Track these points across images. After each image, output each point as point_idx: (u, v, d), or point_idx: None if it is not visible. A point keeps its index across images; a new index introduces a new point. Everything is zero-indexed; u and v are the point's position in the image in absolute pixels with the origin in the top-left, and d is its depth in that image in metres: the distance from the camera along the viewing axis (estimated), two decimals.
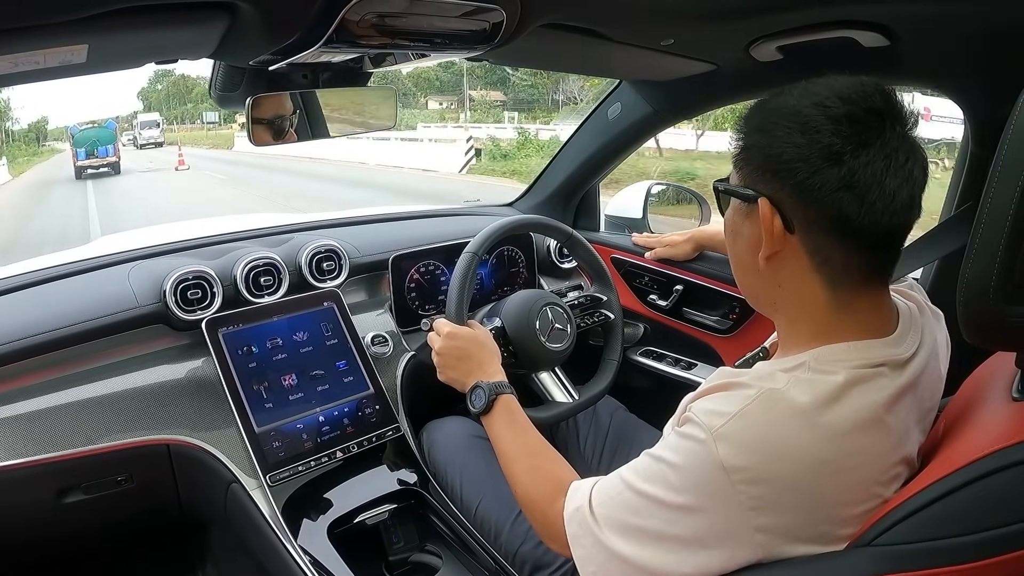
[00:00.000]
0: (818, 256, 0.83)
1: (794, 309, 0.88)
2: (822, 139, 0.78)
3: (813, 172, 0.78)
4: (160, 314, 1.55)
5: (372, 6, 0.97)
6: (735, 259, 0.94)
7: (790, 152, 0.80)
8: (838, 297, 0.84)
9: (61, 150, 43.95)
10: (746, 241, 0.89)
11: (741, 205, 0.89)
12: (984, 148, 1.41)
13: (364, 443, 1.61)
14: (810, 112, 0.80)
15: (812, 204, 0.80)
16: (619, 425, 1.75)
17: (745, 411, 0.79)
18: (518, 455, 1.18)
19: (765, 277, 0.88)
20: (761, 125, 0.85)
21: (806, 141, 0.79)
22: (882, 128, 0.78)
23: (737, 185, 0.88)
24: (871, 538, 0.75)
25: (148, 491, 1.55)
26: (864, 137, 0.78)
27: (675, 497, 0.81)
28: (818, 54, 1.34)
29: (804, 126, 0.80)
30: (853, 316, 0.85)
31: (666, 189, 2.28)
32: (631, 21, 1.31)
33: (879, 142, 0.78)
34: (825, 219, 0.80)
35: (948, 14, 1.19)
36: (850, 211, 0.78)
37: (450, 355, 1.38)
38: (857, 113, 0.78)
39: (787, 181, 0.81)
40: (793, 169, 0.80)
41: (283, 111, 1.38)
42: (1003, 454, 0.69)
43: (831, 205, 0.78)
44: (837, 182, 0.77)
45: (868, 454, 0.80)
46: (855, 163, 0.77)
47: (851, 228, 0.79)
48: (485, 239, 1.54)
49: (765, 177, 0.83)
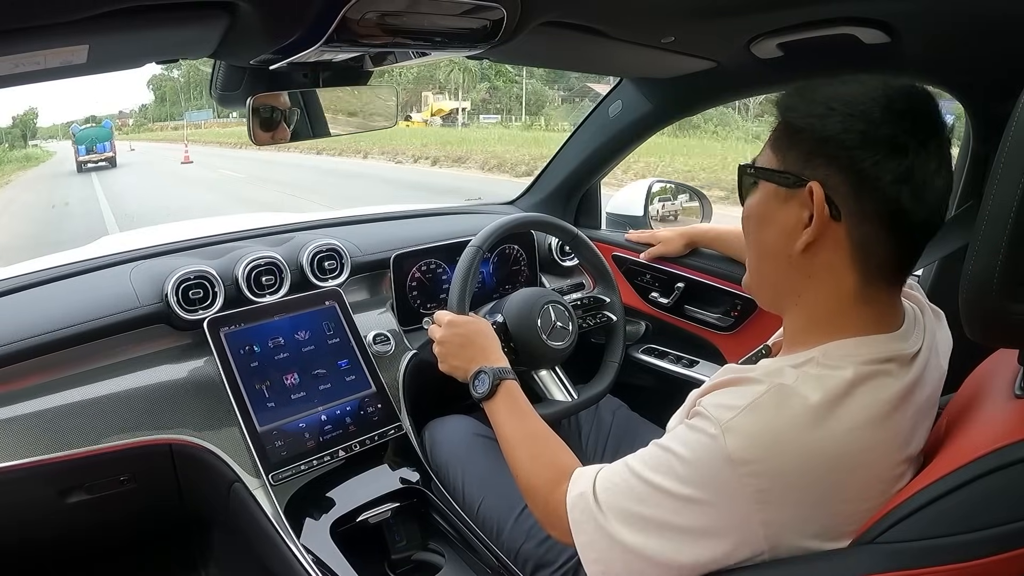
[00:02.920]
0: (863, 248, 0.82)
1: (817, 301, 0.87)
2: (885, 130, 0.78)
3: (876, 161, 0.78)
4: (162, 314, 1.55)
5: (373, 5, 0.97)
6: (761, 247, 0.92)
7: (852, 139, 0.79)
8: (866, 291, 0.84)
9: (52, 153, 42.78)
10: (780, 228, 0.87)
11: (778, 190, 0.86)
12: (986, 145, 1.41)
13: (366, 442, 1.61)
14: (872, 102, 0.79)
15: (870, 193, 0.79)
16: (621, 423, 1.75)
17: (755, 404, 0.79)
18: (521, 441, 1.17)
19: (796, 267, 0.87)
20: (813, 109, 0.83)
21: (868, 129, 0.79)
22: (935, 131, 0.80)
23: (776, 168, 0.87)
24: (874, 535, 0.75)
25: (150, 491, 1.55)
26: (923, 136, 0.78)
27: (681, 488, 0.81)
28: (819, 51, 1.34)
29: (866, 115, 0.79)
30: (870, 310, 0.85)
31: (667, 187, 2.28)
32: (632, 19, 1.31)
33: (934, 143, 0.79)
34: (880, 209, 0.79)
35: (948, 10, 1.19)
36: (907, 204, 0.78)
37: (452, 343, 1.38)
38: (917, 111, 0.80)
39: (844, 167, 0.80)
40: (854, 156, 0.79)
41: (283, 110, 1.38)
42: (1005, 451, 0.69)
43: (890, 196, 0.78)
44: (897, 174, 0.78)
45: (875, 451, 0.80)
46: (916, 159, 0.78)
47: (904, 222, 0.79)
48: (490, 234, 1.54)
49: (815, 162, 0.82)
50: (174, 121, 78.23)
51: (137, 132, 78.90)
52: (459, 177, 18.07)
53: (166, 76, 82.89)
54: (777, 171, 0.86)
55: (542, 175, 2.36)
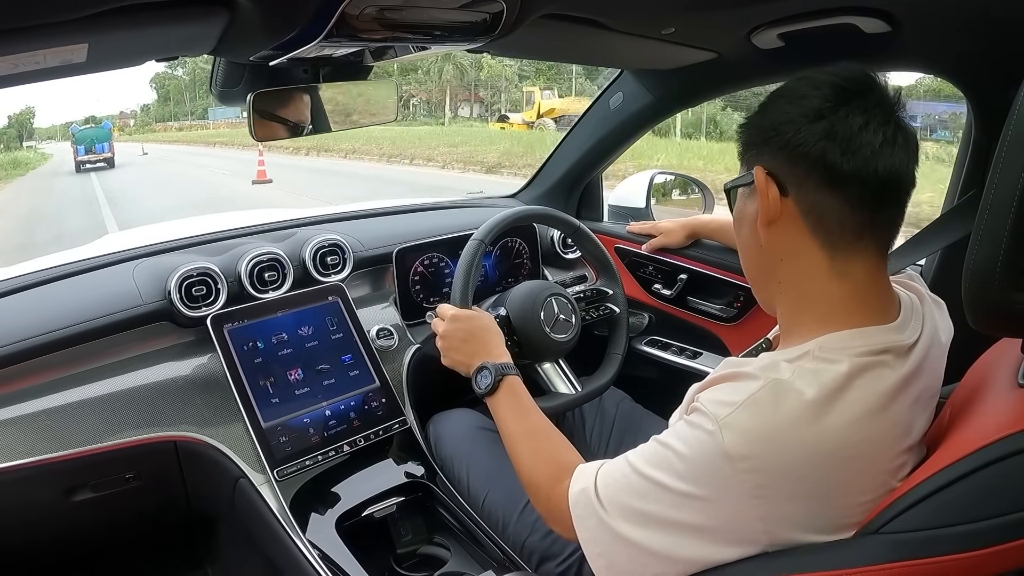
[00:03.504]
0: (813, 214, 0.85)
1: (795, 283, 0.89)
2: (806, 102, 0.84)
3: (797, 130, 0.84)
4: (165, 311, 1.55)
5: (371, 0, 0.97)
6: (742, 246, 0.97)
7: (779, 118, 0.86)
8: (837, 263, 0.86)
9: (47, 155, 39.70)
10: (749, 221, 0.92)
11: (743, 191, 0.93)
12: (987, 135, 1.41)
13: (371, 436, 1.61)
14: (797, 84, 0.87)
15: (800, 160, 0.84)
16: (625, 415, 1.75)
17: (751, 400, 0.80)
18: (523, 437, 1.18)
19: (767, 252, 0.90)
20: (758, 108, 0.91)
21: (791, 107, 0.85)
22: (860, 91, 0.83)
23: (739, 176, 0.93)
24: (879, 526, 0.75)
25: (156, 488, 1.55)
26: (844, 96, 0.83)
27: (680, 484, 0.82)
28: (819, 41, 1.34)
29: (792, 95, 0.86)
30: (854, 291, 0.86)
31: (669, 178, 2.28)
32: (632, 10, 1.30)
33: (856, 100, 0.83)
34: (814, 172, 0.83)
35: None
36: (833, 158, 0.81)
37: (454, 337, 1.38)
38: (837, 81, 0.84)
39: (776, 145, 0.86)
40: (781, 132, 0.85)
41: (284, 106, 1.38)
42: (1009, 441, 0.69)
43: (816, 157, 0.82)
44: (819, 134, 0.82)
45: (873, 444, 0.80)
46: (834, 117, 0.82)
47: (839, 176, 0.82)
48: (492, 227, 1.54)
49: (760, 151, 0.89)
50: (178, 121, 74.72)
51: (142, 132, 74.29)
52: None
53: (169, 74, 78.34)
54: (737, 178, 0.94)
55: (544, 168, 2.36)
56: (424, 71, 47.20)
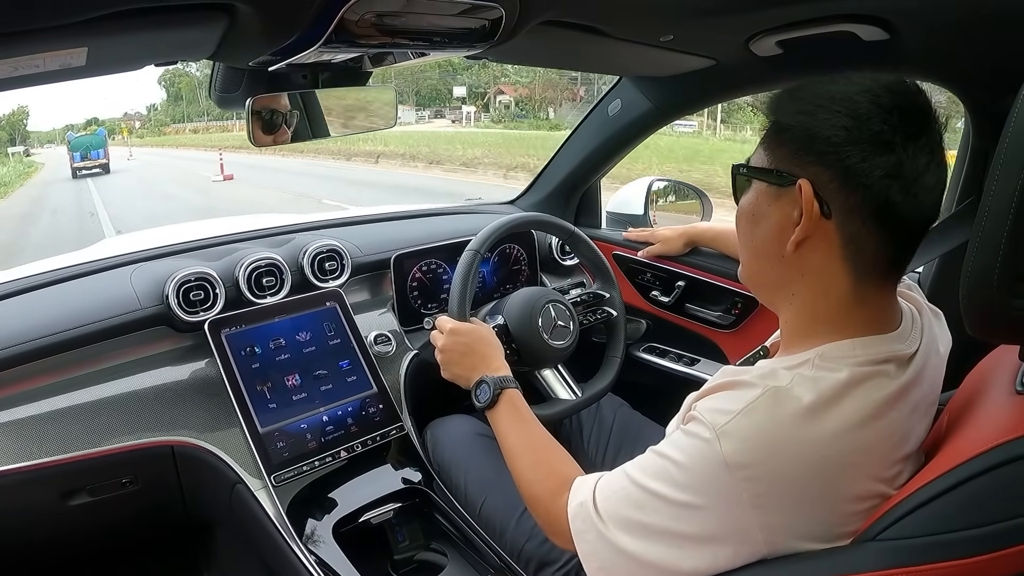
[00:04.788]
0: (852, 244, 0.82)
1: (812, 300, 0.87)
2: (872, 126, 0.78)
3: (863, 157, 0.78)
4: (163, 316, 1.55)
5: (370, 5, 0.97)
6: (754, 246, 0.92)
7: (839, 135, 0.79)
8: (859, 289, 0.84)
9: (39, 165, 36.90)
10: (772, 226, 0.87)
11: (769, 188, 0.87)
12: (985, 141, 1.41)
13: (368, 442, 1.61)
14: (859, 99, 0.80)
15: (857, 189, 0.79)
16: (623, 422, 1.75)
17: (749, 409, 0.79)
18: (523, 450, 1.18)
19: (789, 265, 0.87)
20: (801, 107, 0.84)
21: (855, 125, 0.79)
22: (926, 125, 0.79)
23: (767, 167, 0.87)
24: (876, 533, 0.75)
25: (153, 493, 1.55)
26: (912, 131, 0.78)
27: (679, 494, 0.81)
28: (818, 48, 1.34)
29: (853, 111, 0.79)
30: (865, 311, 0.85)
31: (667, 185, 2.28)
32: (630, 17, 1.31)
33: (924, 138, 0.79)
34: (869, 206, 0.79)
35: (947, 7, 1.19)
36: (896, 199, 0.78)
37: (454, 351, 1.38)
38: (905, 106, 0.79)
39: (832, 164, 0.80)
40: (841, 152, 0.79)
41: (283, 111, 1.38)
42: (1007, 448, 0.69)
43: (878, 192, 0.78)
44: (886, 169, 0.77)
45: (871, 452, 0.80)
46: (904, 154, 0.77)
47: (893, 217, 0.79)
48: (487, 237, 1.54)
49: (805, 160, 0.82)
50: (192, 123, 69.58)
51: (156, 135, 67.62)
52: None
53: (180, 71, 72.47)
54: (768, 169, 0.87)
55: (542, 175, 2.36)
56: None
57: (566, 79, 43.60)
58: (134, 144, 51.89)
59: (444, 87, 54.88)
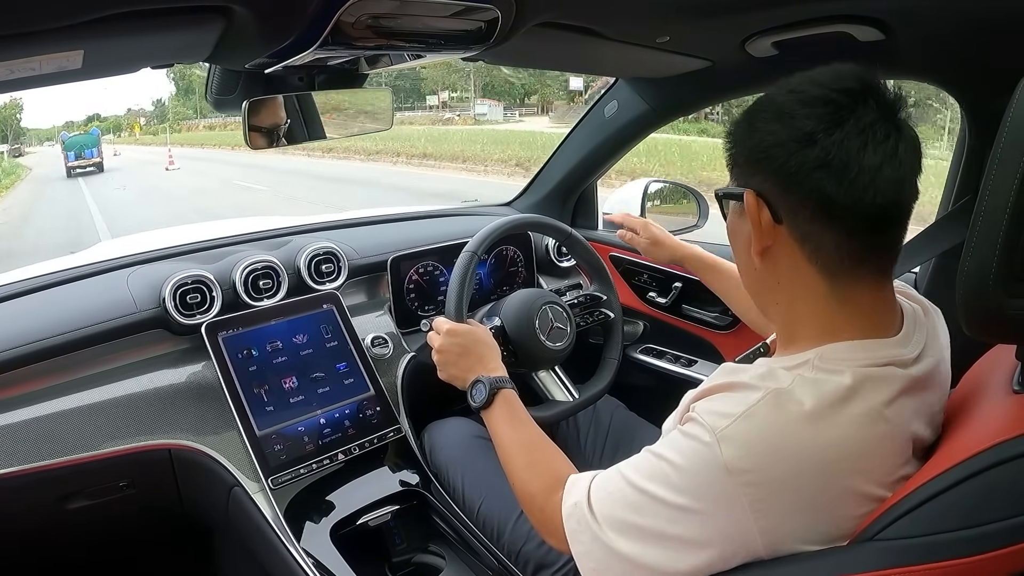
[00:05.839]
0: (808, 244, 0.82)
1: (792, 305, 0.87)
2: (796, 123, 0.79)
3: (789, 156, 0.79)
4: (159, 319, 1.55)
5: (367, 7, 0.97)
6: (738, 261, 0.94)
7: (768, 140, 0.81)
8: (837, 289, 0.83)
9: (25, 169, 34.09)
10: (743, 241, 0.89)
11: (736, 205, 0.89)
12: (981, 141, 1.41)
13: (365, 445, 1.61)
14: (784, 99, 0.82)
15: (793, 189, 0.80)
16: (619, 423, 1.75)
17: (750, 412, 0.78)
18: (517, 449, 1.17)
19: (763, 275, 0.88)
20: (745, 121, 0.86)
21: (781, 127, 0.80)
22: (854, 106, 0.78)
23: (730, 187, 0.89)
24: (874, 533, 0.75)
25: (150, 496, 1.55)
26: (837, 116, 0.78)
27: (676, 497, 0.81)
28: (814, 49, 1.34)
29: (779, 113, 0.81)
30: (856, 311, 0.84)
31: (664, 187, 2.28)
32: (626, 19, 1.31)
33: (852, 119, 0.77)
34: (808, 203, 0.80)
35: (943, 7, 1.19)
36: (830, 190, 0.77)
37: (450, 352, 1.38)
38: (829, 95, 0.79)
39: (767, 170, 0.81)
40: (772, 156, 0.80)
41: (279, 113, 1.38)
42: (1004, 447, 0.69)
43: (811, 187, 0.78)
44: (813, 163, 0.77)
45: (873, 457, 0.79)
46: (828, 141, 0.77)
47: (836, 209, 0.78)
48: (484, 238, 1.54)
49: (749, 171, 0.85)
50: (206, 119, 62.06)
51: (174, 131, 59.95)
52: None
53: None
54: (728, 190, 0.89)
55: (538, 176, 2.36)
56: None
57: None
58: (145, 142, 49.57)
59: (535, 80, 45.38)
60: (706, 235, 2.15)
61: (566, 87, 41.25)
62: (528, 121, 40.48)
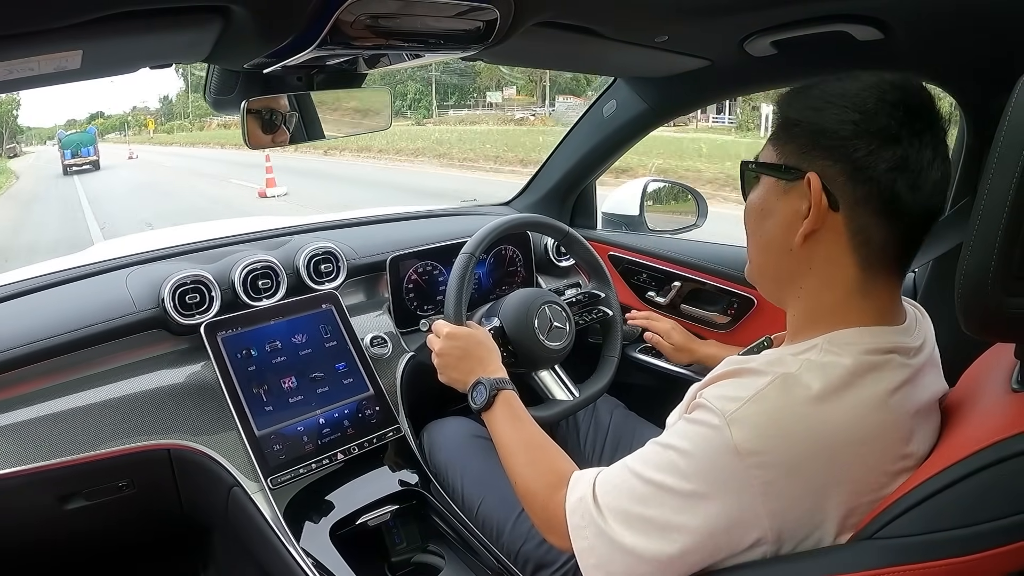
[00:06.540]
0: (860, 235, 0.84)
1: (819, 292, 0.88)
2: (879, 121, 0.81)
3: (870, 151, 0.80)
4: (159, 319, 1.55)
5: (365, 7, 0.97)
6: (762, 241, 0.93)
7: (847, 129, 0.82)
8: (865, 281, 0.85)
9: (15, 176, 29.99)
10: (780, 220, 0.89)
11: (778, 183, 0.89)
12: (980, 140, 1.42)
13: (365, 444, 1.61)
14: (866, 95, 0.82)
15: (864, 182, 0.81)
16: (619, 423, 1.75)
17: (760, 395, 0.80)
18: (518, 449, 1.17)
19: (797, 258, 0.88)
20: (810, 103, 0.86)
21: (863, 120, 0.81)
22: (931, 121, 0.82)
23: (775, 163, 0.89)
24: (873, 531, 0.75)
25: (149, 496, 1.54)
26: (918, 126, 0.81)
27: (684, 484, 0.81)
28: (812, 48, 1.34)
29: (860, 106, 0.82)
30: (870, 302, 0.86)
31: (663, 186, 2.28)
32: (625, 18, 1.31)
33: (929, 133, 0.81)
34: (876, 198, 0.81)
35: (941, 6, 1.19)
36: (902, 191, 0.80)
37: (450, 355, 1.38)
38: (911, 103, 0.81)
39: (840, 158, 0.82)
40: (849, 146, 0.82)
41: (281, 112, 1.38)
42: (1003, 445, 0.69)
43: (885, 184, 0.80)
44: (892, 162, 0.80)
45: (877, 440, 0.80)
46: (910, 148, 0.80)
47: (900, 209, 0.81)
48: (482, 239, 1.54)
49: (813, 154, 0.85)
50: (219, 116, 63.67)
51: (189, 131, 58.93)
52: None
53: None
54: (776, 165, 0.89)
55: (537, 176, 2.36)
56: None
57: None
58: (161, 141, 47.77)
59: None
60: (706, 235, 2.16)
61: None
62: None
